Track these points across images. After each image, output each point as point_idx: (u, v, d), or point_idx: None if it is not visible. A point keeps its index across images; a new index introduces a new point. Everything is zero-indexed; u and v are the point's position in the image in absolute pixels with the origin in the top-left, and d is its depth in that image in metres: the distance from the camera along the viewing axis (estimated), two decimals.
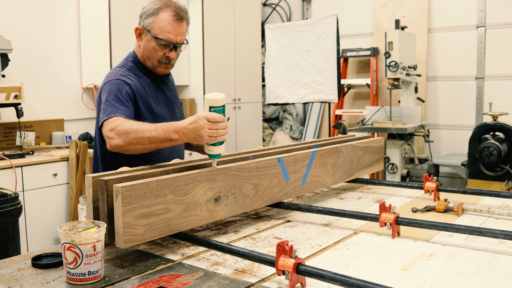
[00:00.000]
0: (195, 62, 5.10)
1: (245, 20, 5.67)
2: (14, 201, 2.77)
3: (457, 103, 5.30)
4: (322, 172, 2.15)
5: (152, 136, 1.71)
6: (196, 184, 1.55)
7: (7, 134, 4.00)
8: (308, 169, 2.05)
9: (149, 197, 1.41)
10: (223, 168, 1.66)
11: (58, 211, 3.77)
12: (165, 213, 1.46)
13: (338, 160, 2.26)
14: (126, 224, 1.35)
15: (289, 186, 1.95)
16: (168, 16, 1.97)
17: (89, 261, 1.27)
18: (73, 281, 1.28)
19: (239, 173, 1.72)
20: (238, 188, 1.71)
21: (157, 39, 1.98)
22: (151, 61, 2.05)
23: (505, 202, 2.10)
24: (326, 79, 4.38)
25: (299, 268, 1.22)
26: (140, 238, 1.40)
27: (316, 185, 2.12)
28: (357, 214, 1.76)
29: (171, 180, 1.48)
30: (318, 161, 2.11)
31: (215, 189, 1.62)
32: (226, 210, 1.67)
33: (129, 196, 1.36)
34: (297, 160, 1.99)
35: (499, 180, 3.93)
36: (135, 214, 1.38)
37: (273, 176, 1.87)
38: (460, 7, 5.18)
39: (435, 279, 1.29)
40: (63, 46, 4.43)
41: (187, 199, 1.52)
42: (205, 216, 1.60)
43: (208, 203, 1.60)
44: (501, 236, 1.47)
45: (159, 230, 1.45)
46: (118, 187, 1.34)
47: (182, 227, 1.52)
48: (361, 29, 5.82)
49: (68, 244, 1.26)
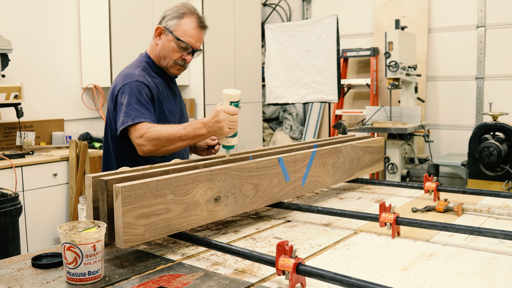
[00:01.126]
0: (195, 62, 5.10)
1: (245, 20, 5.67)
2: (14, 201, 2.77)
3: (457, 103, 5.30)
4: (322, 172, 2.15)
5: (183, 134, 1.87)
6: (196, 184, 1.55)
7: (7, 134, 4.00)
8: (308, 169, 2.05)
9: (149, 197, 1.41)
10: (223, 168, 1.65)
11: (58, 211, 3.77)
12: (165, 213, 1.46)
13: (338, 160, 2.26)
14: (126, 224, 1.35)
15: (289, 186, 1.95)
16: (192, 21, 2.08)
17: (89, 261, 1.27)
18: (73, 281, 1.28)
19: (239, 173, 1.71)
20: (238, 188, 1.71)
21: (179, 40, 2.06)
22: (167, 60, 2.10)
23: (505, 202, 2.10)
24: (326, 79, 4.38)
25: (299, 268, 1.22)
26: (140, 238, 1.40)
27: (316, 185, 2.12)
28: (357, 214, 1.76)
29: (171, 180, 1.47)
30: (318, 161, 2.11)
31: (215, 189, 1.62)
32: (226, 210, 1.67)
33: (129, 196, 1.35)
34: (297, 160, 1.99)
35: (499, 180, 3.93)
36: (135, 214, 1.38)
37: (273, 176, 1.86)
38: (460, 7, 5.18)
39: (435, 279, 1.29)
40: (63, 46, 4.43)
41: (187, 199, 1.52)
42: (205, 216, 1.59)
43: (208, 203, 1.60)
44: (501, 236, 1.47)
45: (159, 230, 1.45)
46: (118, 187, 1.34)
47: (182, 227, 1.52)
48: (361, 29, 5.82)
49: (68, 244, 1.26)
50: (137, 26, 4.56)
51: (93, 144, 4.21)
